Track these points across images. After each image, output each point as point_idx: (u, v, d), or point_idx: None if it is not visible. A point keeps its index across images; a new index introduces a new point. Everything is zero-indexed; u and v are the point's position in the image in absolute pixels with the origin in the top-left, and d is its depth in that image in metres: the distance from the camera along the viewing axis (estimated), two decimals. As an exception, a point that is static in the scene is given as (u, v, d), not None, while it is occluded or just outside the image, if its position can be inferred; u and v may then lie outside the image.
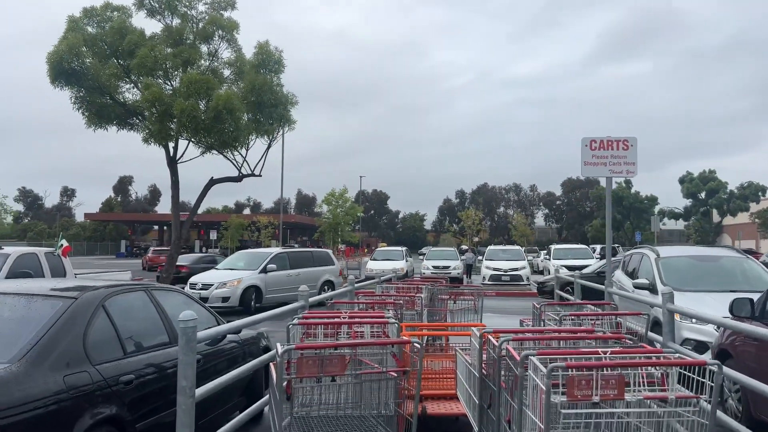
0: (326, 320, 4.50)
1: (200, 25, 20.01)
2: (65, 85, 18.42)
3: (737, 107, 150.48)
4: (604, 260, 20.63)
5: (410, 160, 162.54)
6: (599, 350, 3.18)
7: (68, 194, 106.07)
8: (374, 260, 29.16)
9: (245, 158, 21.26)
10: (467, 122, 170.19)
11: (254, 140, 20.73)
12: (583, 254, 27.51)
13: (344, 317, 4.80)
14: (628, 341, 3.81)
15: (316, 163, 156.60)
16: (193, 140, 20.00)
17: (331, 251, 22.89)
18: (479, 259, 34.12)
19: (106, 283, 4.99)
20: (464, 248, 41.33)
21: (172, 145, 20.02)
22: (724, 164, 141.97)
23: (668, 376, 3.08)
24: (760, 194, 59.85)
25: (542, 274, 30.79)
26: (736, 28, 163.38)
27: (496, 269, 25.28)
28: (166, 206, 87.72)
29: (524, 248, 37.43)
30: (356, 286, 8.69)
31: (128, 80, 19.55)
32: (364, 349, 3.71)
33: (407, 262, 29.27)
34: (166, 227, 65.35)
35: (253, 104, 19.37)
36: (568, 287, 17.81)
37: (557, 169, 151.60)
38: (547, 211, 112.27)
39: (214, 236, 53.88)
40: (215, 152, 20.57)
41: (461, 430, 5.49)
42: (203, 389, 3.79)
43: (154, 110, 18.40)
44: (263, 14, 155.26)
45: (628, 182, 64.66)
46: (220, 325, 5.92)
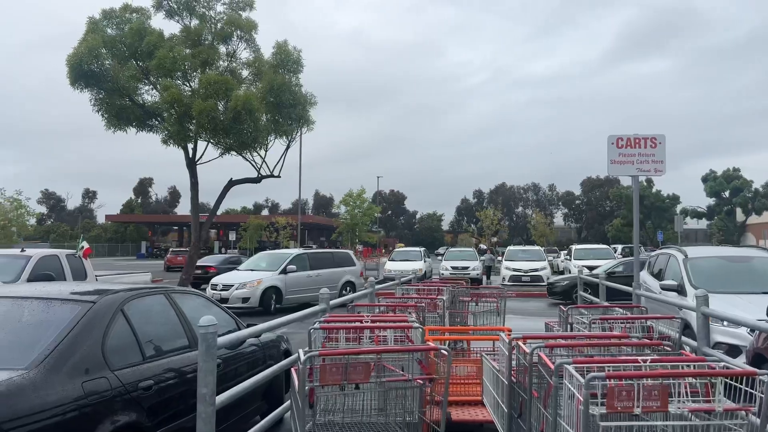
0: (348, 324, 4.39)
1: (218, 25, 20.06)
2: (85, 87, 18.56)
3: (758, 105, 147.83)
4: (613, 261, 20.55)
5: (427, 160, 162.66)
6: (638, 358, 3.02)
7: (90, 196, 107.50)
8: (392, 261, 29.00)
9: (264, 159, 21.29)
10: (483, 122, 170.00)
11: (273, 141, 20.77)
12: (604, 254, 27.05)
13: (366, 321, 4.68)
14: (666, 348, 3.63)
15: (333, 164, 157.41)
16: (212, 141, 20.06)
17: (352, 252, 22.80)
18: (498, 259, 33.81)
19: (124, 286, 4.91)
20: (483, 248, 40.96)
21: (191, 146, 20.11)
22: (746, 162, 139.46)
23: (713, 386, 2.91)
24: (785, 192, 58.57)
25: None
26: (755, 24, 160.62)
27: (516, 270, 25.00)
28: (185, 208, 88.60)
29: (544, 248, 36.99)
30: (376, 288, 8.56)
31: (147, 82, 19.67)
32: (388, 354, 3.60)
33: (426, 262, 29.05)
34: (185, 228, 65.82)
35: (271, 104, 19.35)
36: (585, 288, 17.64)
37: (575, 168, 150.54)
38: (566, 210, 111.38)
39: (233, 237, 54.25)
40: (234, 153, 20.60)
41: (487, 437, 5.33)
42: (223, 396, 3.68)
43: (172, 111, 18.49)
44: (279, 15, 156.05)
45: (649, 181, 63.69)
46: (239, 327, 5.84)
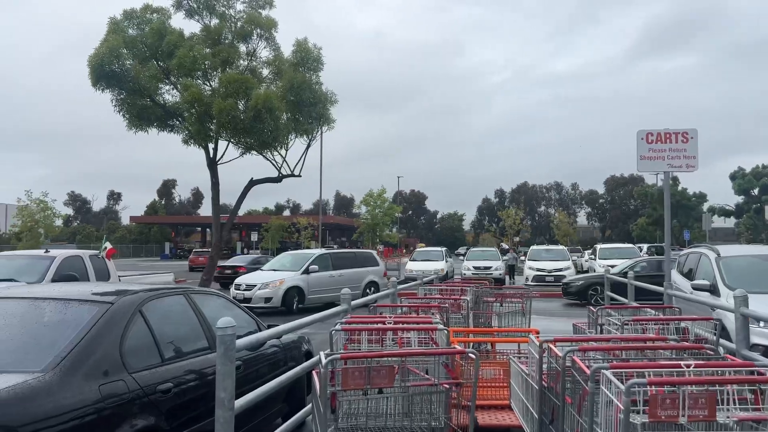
0: (371, 326, 4.25)
1: (238, 24, 20.03)
2: (106, 87, 18.66)
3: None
4: (627, 261, 20.09)
5: (448, 159, 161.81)
6: (681, 363, 2.83)
7: (114, 198, 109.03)
8: (413, 261, 28.79)
9: (284, 158, 21.23)
10: (505, 121, 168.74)
11: (293, 140, 20.67)
12: (629, 253, 26.54)
13: (389, 322, 4.54)
14: (709, 352, 3.43)
15: (353, 164, 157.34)
16: (232, 141, 20.06)
17: (374, 252, 22.68)
18: (521, 259, 33.40)
19: (143, 287, 4.83)
20: (505, 248, 40.53)
21: (211, 146, 20.13)
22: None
23: (762, 392, 2.72)
24: (816, 190, 57.13)
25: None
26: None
27: (539, 270, 24.64)
28: (208, 209, 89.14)
29: (567, 248, 36.50)
30: (398, 288, 8.41)
31: (168, 81, 19.71)
32: (412, 357, 3.45)
33: (447, 262, 28.77)
34: (208, 229, 66.34)
35: (292, 103, 19.25)
36: (594, 288, 17.31)
37: (599, 166, 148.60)
38: (589, 209, 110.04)
39: (255, 238, 54.51)
40: (254, 153, 20.57)
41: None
42: (243, 400, 3.56)
43: (193, 111, 18.51)
44: (299, 15, 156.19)
45: (674, 179, 62.56)
46: (260, 328, 5.74)
